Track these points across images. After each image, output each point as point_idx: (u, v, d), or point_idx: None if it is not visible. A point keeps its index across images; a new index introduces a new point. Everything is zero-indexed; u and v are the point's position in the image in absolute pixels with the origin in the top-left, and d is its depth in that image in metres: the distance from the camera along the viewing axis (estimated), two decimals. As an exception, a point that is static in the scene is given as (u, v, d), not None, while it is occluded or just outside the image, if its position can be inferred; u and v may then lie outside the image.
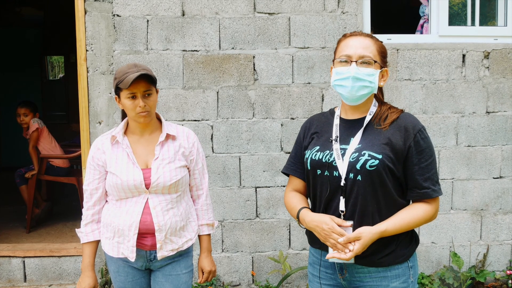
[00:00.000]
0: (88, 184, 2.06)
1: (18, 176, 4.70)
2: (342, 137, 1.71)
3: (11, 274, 3.58)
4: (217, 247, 3.53)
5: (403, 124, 1.66)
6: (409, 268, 1.70)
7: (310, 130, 1.83)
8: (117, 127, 2.07)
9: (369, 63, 1.66)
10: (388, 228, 1.60)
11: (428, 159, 1.64)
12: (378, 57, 1.69)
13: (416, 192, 1.65)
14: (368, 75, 1.65)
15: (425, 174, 1.63)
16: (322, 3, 3.42)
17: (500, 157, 3.61)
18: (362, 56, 1.66)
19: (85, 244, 2.10)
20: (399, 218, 1.63)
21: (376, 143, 1.63)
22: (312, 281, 1.83)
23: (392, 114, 1.69)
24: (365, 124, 1.69)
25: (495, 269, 3.68)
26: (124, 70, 1.96)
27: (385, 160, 1.60)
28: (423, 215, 1.65)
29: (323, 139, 1.75)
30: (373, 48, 1.68)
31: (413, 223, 1.64)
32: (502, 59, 3.55)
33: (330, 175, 1.67)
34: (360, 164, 1.61)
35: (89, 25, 3.34)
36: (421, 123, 1.69)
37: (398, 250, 1.66)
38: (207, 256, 2.20)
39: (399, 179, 1.65)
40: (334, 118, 1.77)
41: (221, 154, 3.47)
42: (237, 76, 3.43)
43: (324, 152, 1.71)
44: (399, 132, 1.65)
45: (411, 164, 1.64)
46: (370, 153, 1.61)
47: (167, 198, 2.02)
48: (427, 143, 1.65)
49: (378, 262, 1.65)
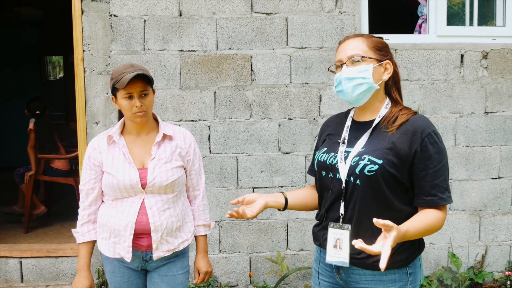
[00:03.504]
0: (84, 184, 2.06)
1: (17, 175, 4.69)
2: (350, 139, 1.69)
3: (8, 275, 3.57)
4: (214, 248, 3.52)
5: (411, 128, 1.58)
6: (407, 274, 1.64)
7: (325, 132, 1.83)
8: (113, 127, 2.07)
9: (358, 60, 1.63)
10: (409, 230, 1.48)
11: (437, 165, 1.56)
12: (371, 52, 1.65)
13: (422, 199, 1.58)
14: (359, 72, 1.62)
15: (433, 181, 1.56)
16: (320, 3, 3.42)
17: (498, 157, 3.60)
18: (350, 56, 1.64)
19: (81, 244, 2.09)
20: (418, 222, 1.54)
21: (379, 147, 1.59)
22: (314, 276, 1.84)
23: (402, 116, 1.62)
24: (373, 127, 1.65)
25: (494, 270, 3.67)
26: (120, 70, 1.95)
27: (386, 165, 1.55)
28: (436, 221, 1.56)
29: (333, 141, 1.75)
30: (362, 45, 1.65)
31: (430, 229, 1.55)
32: (500, 59, 3.55)
33: (334, 178, 1.66)
34: (359, 168, 1.58)
35: (86, 25, 3.34)
36: (433, 127, 1.60)
37: (396, 255, 1.59)
38: (204, 257, 2.19)
39: (404, 185, 1.59)
40: (347, 119, 1.75)
41: (219, 154, 3.47)
42: (234, 76, 3.42)
43: (329, 154, 1.70)
44: (406, 136, 1.57)
45: (417, 170, 1.56)
46: (370, 158, 1.58)
47: (164, 198, 2.02)
48: (436, 148, 1.57)
49: (373, 265, 1.61)
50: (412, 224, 1.53)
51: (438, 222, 1.57)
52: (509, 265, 3.67)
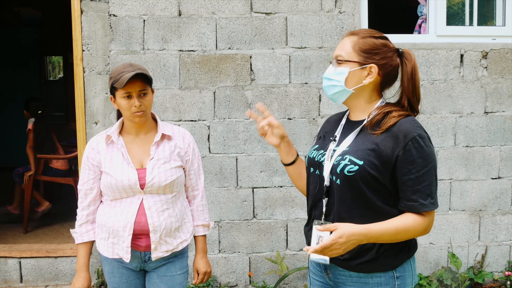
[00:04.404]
0: (83, 184, 2.05)
1: (17, 175, 4.69)
2: (340, 138, 1.69)
3: (7, 275, 3.57)
4: (214, 248, 3.52)
5: (396, 131, 1.54)
6: (394, 278, 1.61)
7: (324, 129, 1.84)
8: (112, 127, 2.07)
9: (340, 62, 1.63)
10: (371, 230, 1.49)
11: (421, 169, 1.51)
12: (354, 54, 1.61)
13: (404, 203, 1.55)
14: (336, 74, 1.63)
15: (415, 186, 1.52)
16: (319, 3, 3.41)
17: (498, 157, 3.60)
18: (336, 56, 1.65)
19: (80, 244, 2.08)
20: (387, 223, 1.53)
21: (362, 148, 1.57)
22: (308, 275, 1.85)
23: (391, 119, 1.58)
24: (360, 127, 1.64)
25: (494, 270, 3.67)
26: (119, 69, 1.95)
27: (367, 166, 1.53)
28: (413, 226, 1.53)
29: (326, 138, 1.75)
30: (348, 47, 1.62)
31: (402, 232, 1.53)
32: (500, 59, 3.54)
33: (320, 175, 1.66)
34: (340, 168, 1.57)
35: (85, 25, 3.33)
36: (420, 131, 1.54)
37: (382, 258, 1.58)
38: (203, 257, 2.19)
39: (385, 187, 1.56)
40: (344, 118, 1.76)
41: (218, 154, 3.46)
42: (234, 76, 3.42)
43: (319, 151, 1.71)
44: (390, 139, 1.54)
45: (399, 174, 1.52)
46: (351, 158, 1.56)
47: (162, 198, 2.01)
48: (421, 152, 1.51)
49: (357, 268, 1.60)
50: (379, 225, 1.52)
51: (416, 227, 1.53)
52: (509, 265, 3.67)
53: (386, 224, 1.53)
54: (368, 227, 1.50)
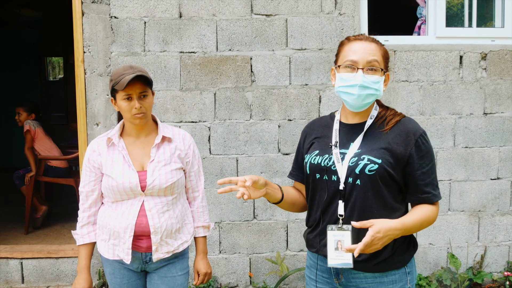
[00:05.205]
0: (84, 186, 2.06)
1: (17, 177, 4.69)
2: (341, 142, 1.69)
3: (8, 276, 3.58)
4: (214, 249, 3.53)
5: (404, 129, 1.64)
6: (406, 274, 1.68)
7: (311, 135, 1.81)
8: (113, 129, 2.07)
9: (375, 70, 1.63)
10: (406, 222, 1.56)
11: (429, 163, 1.63)
12: (383, 63, 1.66)
13: (417, 196, 1.64)
14: (374, 83, 1.62)
15: (426, 179, 1.63)
16: (319, 5, 3.43)
17: (497, 158, 3.61)
18: (369, 62, 1.62)
19: (81, 246, 2.09)
20: (413, 216, 1.60)
21: (375, 147, 1.62)
22: (309, 284, 1.83)
23: (395, 116, 1.69)
24: (366, 129, 1.67)
25: (493, 271, 3.68)
26: (120, 71, 1.96)
27: (384, 164, 1.59)
28: (431, 216, 1.63)
29: (322, 144, 1.74)
30: (378, 54, 1.65)
31: (426, 222, 1.62)
32: (499, 61, 3.56)
33: (329, 179, 1.67)
34: (360, 168, 1.60)
35: (87, 27, 3.35)
36: (422, 128, 1.68)
37: (396, 256, 1.64)
38: (203, 258, 2.20)
39: (398, 183, 1.64)
40: (334, 122, 1.75)
41: (219, 155, 3.47)
42: (234, 77, 3.43)
43: (323, 156, 1.70)
44: (400, 137, 1.63)
45: (412, 169, 1.62)
46: (370, 158, 1.60)
47: (163, 200, 2.02)
48: (427, 147, 1.64)
49: (374, 268, 1.63)
50: (409, 218, 1.60)
51: (433, 216, 1.64)
52: (508, 265, 3.68)
53: (413, 216, 1.61)
54: (402, 221, 1.57)
